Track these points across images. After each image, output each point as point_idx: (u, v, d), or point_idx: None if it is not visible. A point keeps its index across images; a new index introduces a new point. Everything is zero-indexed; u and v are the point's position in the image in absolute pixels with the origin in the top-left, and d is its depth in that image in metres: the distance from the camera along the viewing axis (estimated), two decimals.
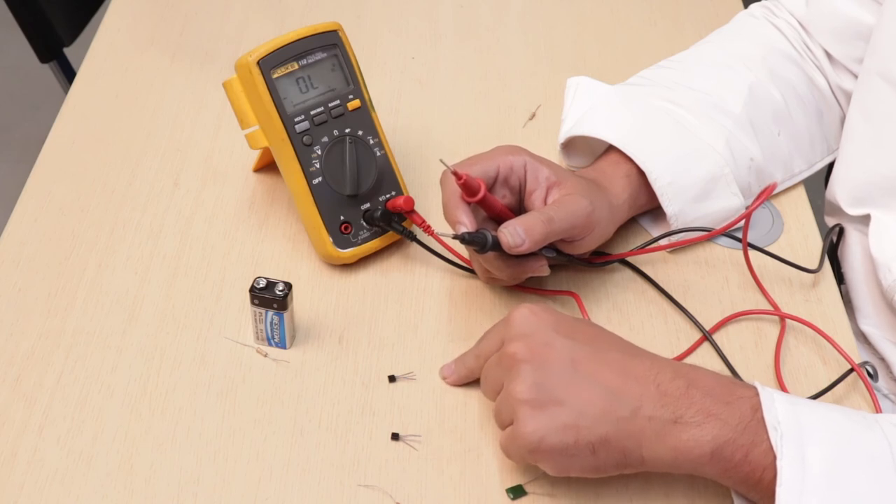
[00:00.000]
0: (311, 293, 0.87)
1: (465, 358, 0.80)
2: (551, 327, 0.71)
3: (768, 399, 0.68)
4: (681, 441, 0.67)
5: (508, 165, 0.83)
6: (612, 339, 0.74)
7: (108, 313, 0.85)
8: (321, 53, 0.87)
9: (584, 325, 0.74)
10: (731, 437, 0.67)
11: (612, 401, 0.68)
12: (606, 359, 0.70)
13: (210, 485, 0.74)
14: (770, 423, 0.66)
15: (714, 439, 0.67)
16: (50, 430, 0.76)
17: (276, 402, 0.79)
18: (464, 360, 0.80)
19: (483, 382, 0.76)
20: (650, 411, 0.68)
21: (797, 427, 0.66)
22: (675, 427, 0.67)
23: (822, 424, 0.67)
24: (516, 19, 1.18)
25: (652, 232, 0.92)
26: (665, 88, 0.94)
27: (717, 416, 0.67)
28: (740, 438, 0.67)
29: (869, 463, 0.65)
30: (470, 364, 0.79)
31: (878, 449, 0.66)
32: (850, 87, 0.96)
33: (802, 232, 0.94)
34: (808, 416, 0.67)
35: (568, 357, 0.70)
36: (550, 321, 0.72)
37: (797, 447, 0.65)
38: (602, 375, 0.69)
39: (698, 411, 0.67)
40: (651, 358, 0.72)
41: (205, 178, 0.97)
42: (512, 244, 0.78)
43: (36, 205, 0.93)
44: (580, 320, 0.75)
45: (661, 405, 0.68)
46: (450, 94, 1.08)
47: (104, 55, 1.11)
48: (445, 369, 0.80)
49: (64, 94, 1.13)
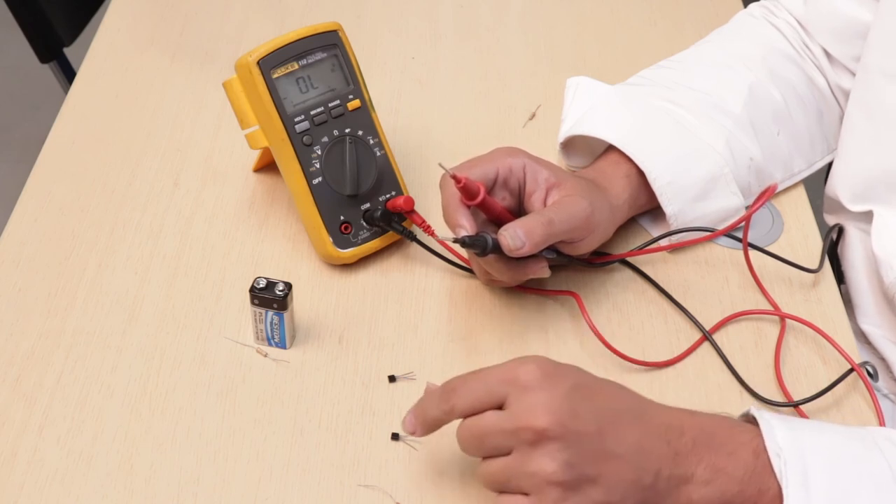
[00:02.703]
0: (311, 293, 0.87)
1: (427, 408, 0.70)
2: (569, 391, 0.65)
3: (767, 427, 0.68)
4: (692, 500, 0.67)
5: (507, 167, 0.83)
6: (621, 392, 0.69)
7: (108, 313, 0.85)
8: (321, 53, 0.87)
9: (593, 381, 0.69)
10: (738, 489, 0.66)
11: (638, 470, 0.65)
12: (626, 420, 0.67)
13: (210, 485, 0.74)
14: (772, 451, 0.66)
15: (723, 494, 0.66)
16: (50, 430, 0.76)
17: (276, 402, 0.79)
18: (425, 409, 0.70)
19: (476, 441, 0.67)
20: (668, 472, 0.66)
21: (799, 452, 0.66)
22: (687, 487, 0.66)
23: (823, 446, 0.67)
24: (516, 19, 1.18)
25: (652, 232, 0.92)
26: (665, 88, 0.94)
27: (723, 471, 0.66)
28: (747, 490, 0.66)
29: (870, 483, 0.66)
30: (437, 416, 0.69)
31: (877, 468, 0.66)
32: (849, 87, 0.96)
33: (802, 232, 0.94)
34: (808, 440, 0.67)
35: (595, 427, 0.65)
36: (567, 384, 0.66)
37: (801, 472, 0.65)
38: (626, 441, 0.65)
39: (706, 467, 0.67)
40: (658, 412, 0.69)
41: (205, 178, 0.97)
42: (512, 247, 0.77)
43: (36, 205, 0.93)
44: (588, 376, 0.69)
45: (675, 465, 0.66)
46: (450, 94, 1.08)
47: (104, 55, 1.11)
48: (408, 425, 0.70)
49: (64, 94, 1.13)
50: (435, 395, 0.69)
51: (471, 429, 0.68)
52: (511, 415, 0.65)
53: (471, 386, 0.68)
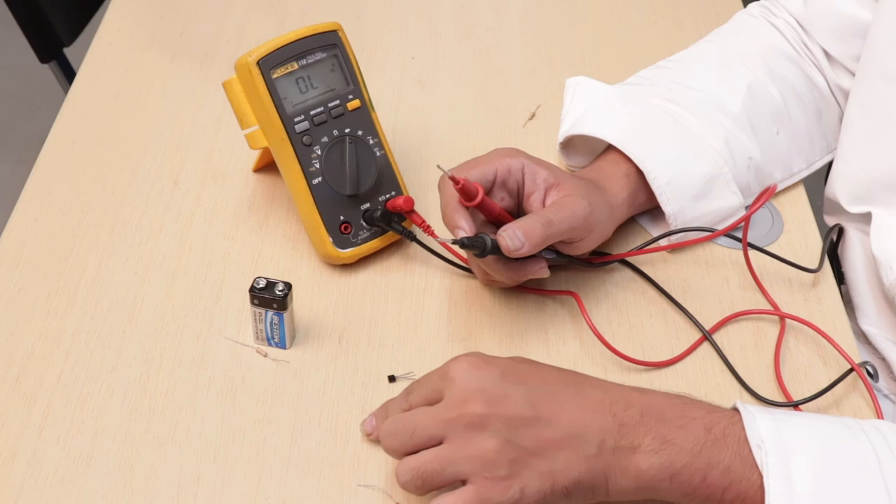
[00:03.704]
0: (311, 293, 0.87)
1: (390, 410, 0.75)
2: (499, 377, 0.69)
3: (749, 417, 0.68)
4: (641, 470, 0.67)
5: (506, 168, 0.83)
6: (559, 374, 0.71)
7: (108, 313, 0.85)
8: (321, 53, 0.87)
9: (527, 366, 0.72)
10: (687, 461, 0.67)
11: (578, 441, 0.67)
12: (562, 398, 0.69)
13: (210, 485, 0.74)
14: (753, 442, 0.66)
15: (671, 465, 0.67)
16: (50, 430, 0.76)
17: (276, 402, 0.79)
18: (388, 412, 0.75)
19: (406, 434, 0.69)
20: (612, 443, 0.67)
21: (780, 443, 0.66)
22: (635, 456, 0.67)
23: (806, 437, 0.67)
24: (516, 19, 1.18)
25: (651, 231, 0.92)
26: (664, 88, 0.94)
27: (672, 442, 0.67)
28: (696, 462, 0.67)
29: (855, 473, 0.65)
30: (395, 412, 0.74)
31: (864, 458, 0.66)
32: (848, 86, 0.96)
33: (802, 232, 0.94)
34: (791, 431, 0.67)
35: (528, 407, 0.67)
36: (496, 371, 0.69)
37: (782, 463, 0.65)
38: (563, 417, 0.67)
39: (654, 438, 0.67)
40: (601, 387, 0.70)
41: (205, 178, 0.97)
42: (511, 248, 0.77)
43: (36, 205, 0.93)
44: (518, 360, 0.72)
45: (621, 436, 0.67)
46: (450, 94, 1.08)
47: (104, 55, 1.11)
48: (367, 425, 0.76)
49: (64, 94, 1.13)
50: (400, 397, 0.74)
51: (401, 421, 0.70)
52: (445, 405, 0.69)
53: (420, 384, 0.73)
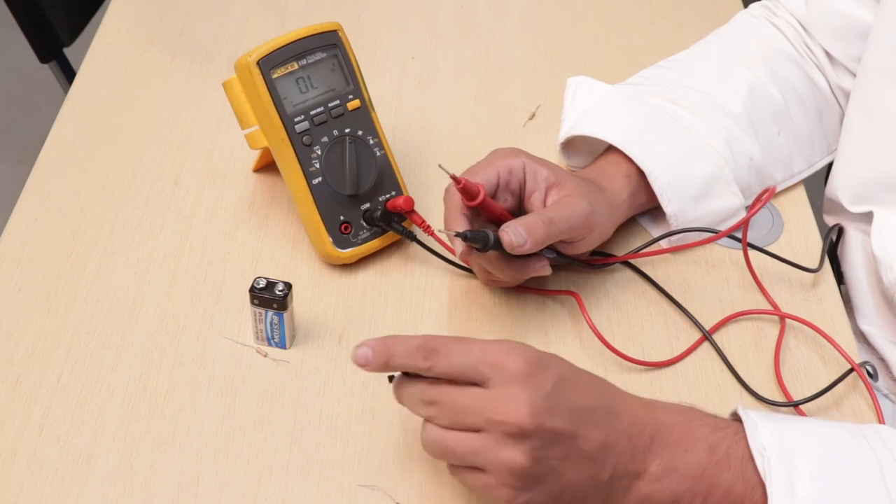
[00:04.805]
0: (311, 293, 0.87)
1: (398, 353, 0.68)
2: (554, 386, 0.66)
3: (752, 426, 0.68)
4: (643, 495, 0.67)
5: (508, 169, 0.83)
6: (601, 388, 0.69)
7: (108, 313, 0.85)
8: (321, 53, 0.87)
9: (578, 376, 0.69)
10: (689, 485, 0.67)
11: (598, 466, 0.66)
12: (597, 418, 0.67)
13: (210, 485, 0.74)
14: (756, 450, 0.66)
15: (673, 491, 0.67)
16: (50, 430, 0.76)
17: (276, 402, 0.79)
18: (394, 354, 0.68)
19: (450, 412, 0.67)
20: (622, 469, 0.67)
21: (783, 449, 0.66)
22: (638, 482, 0.67)
23: (808, 442, 0.67)
24: (516, 19, 1.18)
25: (652, 232, 0.92)
26: (665, 88, 0.94)
27: (675, 469, 0.67)
28: (698, 485, 0.67)
29: (857, 478, 0.65)
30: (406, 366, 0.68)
31: (865, 463, 0.66)
32: (849, 87, 0.96)
33: (802, 232, 0.94)
34: (793, 436, 0.67)
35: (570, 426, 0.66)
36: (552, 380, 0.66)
37: (785, 470, 0.65)
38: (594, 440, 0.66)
39: (659, 464, 0.67)
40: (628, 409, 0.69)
41: (205, 178, 0.97)
42: (514, 244, 0.77)
43: (36, 205, 0.93)
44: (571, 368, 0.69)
45: (630, 461, 0.67)
46: (450, 94, 1.08)
47: (104, 55, 1.11)
48: (360, 357, 0.68)
49: (64, 94, 1.13)
50: (411, 345, 0.67)
51: (451, 399, 0.67)
52: (493, 400, 0.65)
53: (455, 354, 0.67)
